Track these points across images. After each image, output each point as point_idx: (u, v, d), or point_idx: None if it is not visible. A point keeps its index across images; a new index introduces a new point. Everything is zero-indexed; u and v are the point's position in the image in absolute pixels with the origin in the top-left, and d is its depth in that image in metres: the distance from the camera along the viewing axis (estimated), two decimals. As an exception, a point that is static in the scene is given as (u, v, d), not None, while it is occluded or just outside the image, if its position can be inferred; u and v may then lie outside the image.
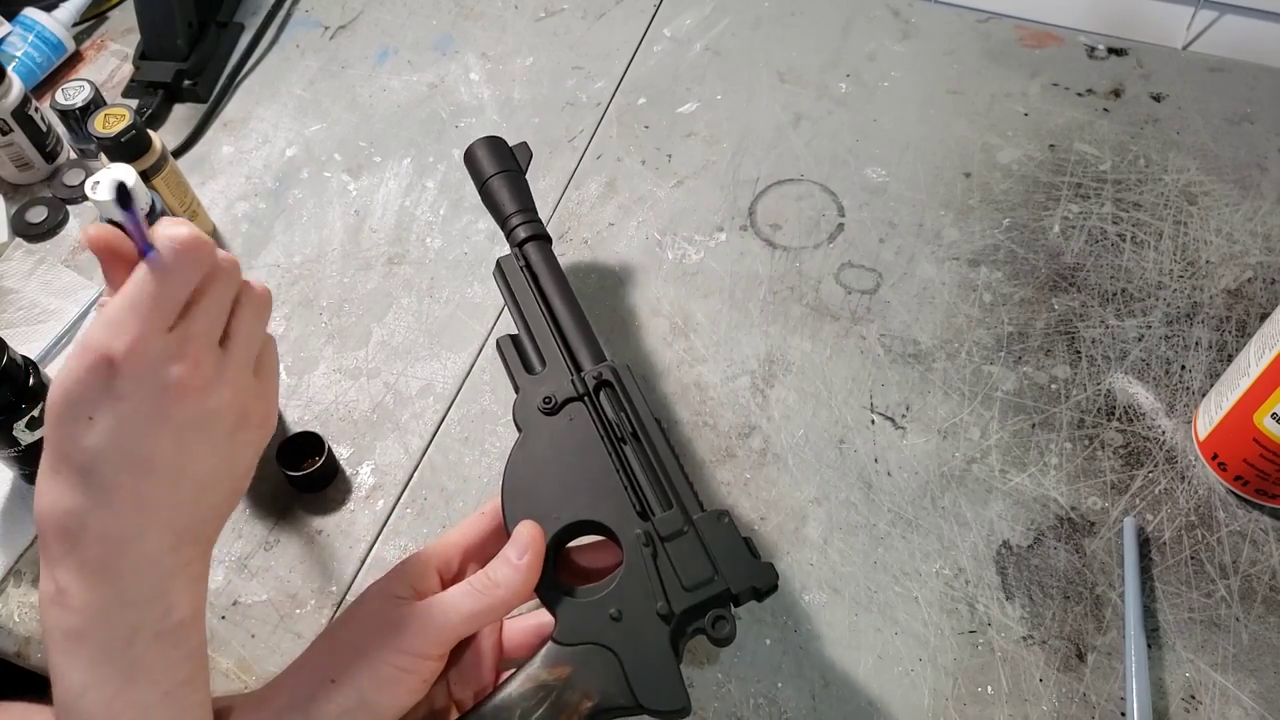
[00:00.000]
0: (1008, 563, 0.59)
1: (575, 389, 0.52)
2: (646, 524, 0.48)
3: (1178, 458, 0.62)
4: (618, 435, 0.51)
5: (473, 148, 0.66)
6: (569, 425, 0.51)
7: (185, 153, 0.84)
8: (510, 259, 0.60)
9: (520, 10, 0.93)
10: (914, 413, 0.65)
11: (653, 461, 0.50)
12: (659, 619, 0.46)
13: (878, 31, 0.88)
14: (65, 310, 0.72)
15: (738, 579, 0.46)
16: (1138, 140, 0.78)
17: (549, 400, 0.52)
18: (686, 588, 0.46)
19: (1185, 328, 0.68)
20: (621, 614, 0.46)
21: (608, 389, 0.52)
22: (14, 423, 0.59)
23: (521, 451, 0.51)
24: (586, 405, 0.52)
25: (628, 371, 0.53)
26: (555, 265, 0.60)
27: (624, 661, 0.45)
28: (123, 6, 0.96)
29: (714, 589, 0.46)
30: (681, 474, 0.50)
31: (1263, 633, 0.55)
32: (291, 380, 0.69)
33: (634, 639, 0.46)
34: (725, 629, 0.46)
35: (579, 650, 0.46)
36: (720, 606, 0.46)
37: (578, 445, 0.51)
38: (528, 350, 0.56)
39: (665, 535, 0.47)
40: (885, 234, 0.74)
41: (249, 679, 0.57)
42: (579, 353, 0.55)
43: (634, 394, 0.52)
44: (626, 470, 0.50)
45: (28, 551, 0.62)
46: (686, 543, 0.47)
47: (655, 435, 0.51)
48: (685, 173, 0.79)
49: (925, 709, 0.54)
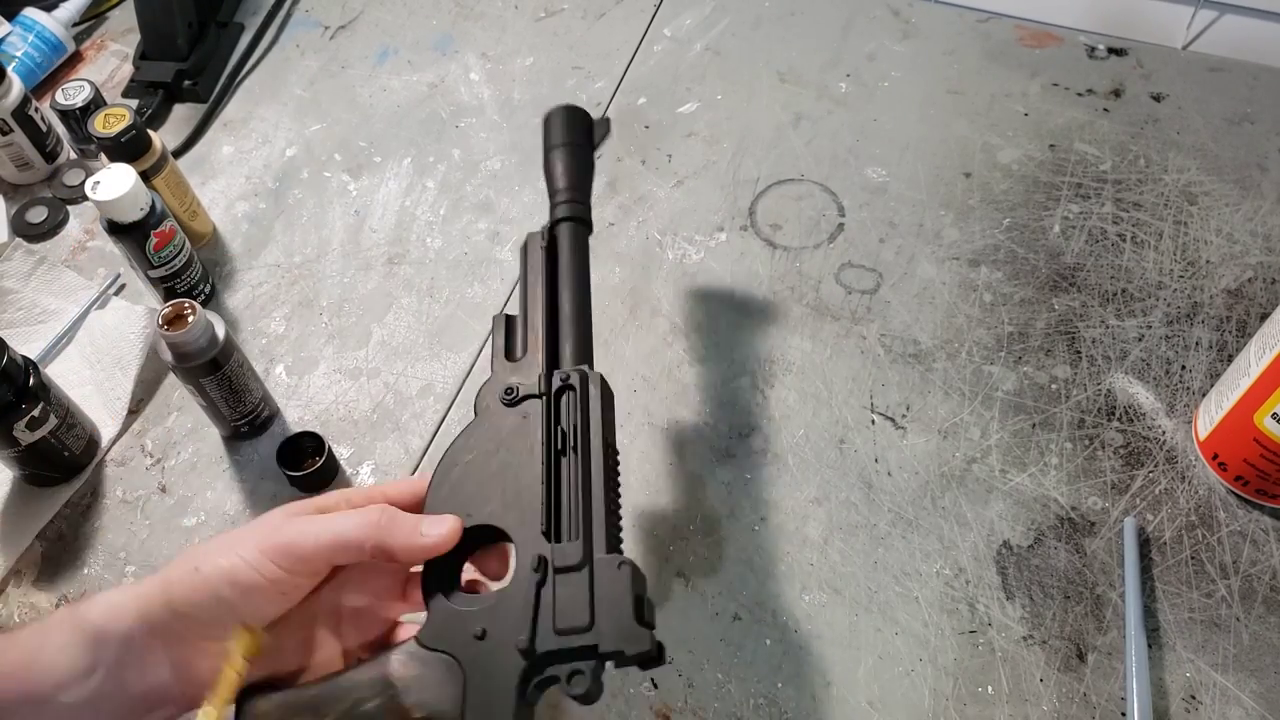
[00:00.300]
0: (1008, 563, 0.59)
1: (539, 385, 0.49)
2: (546, 548, 0.44)
3: (1178, 458, 0.62)
4: (558, 446, 0.47)
5: (551, 112, 0.62)
6: (521, 423, 0.48)
7: (185, 153, 0.84)
8: (537, 236, 0.57)
9: (520, 10, 0.93)
10: (914, 413, 0.65)
11: (580, 483, 0.46)
12: (518, 653, 0.42)
13: (878, 31, 0.88)
14: (65, 310, 0.72)
15: (609, 637, 0.41)
16: (1138, 140, 0.78)
17: (510, 391, 0.49)
18: (557, 630, 0.42)
19: (1185, 328, 0.68)
20: (485, 634, 0.43)
21: (570, 394, 0.49)
22: (14, 423, 0.59)
23: (466, 437, 0.48)
24: (544, 405, 0.48)
25: (601, 383, 0.49)
26: (579, 252, 0.56)
27: (468, 684, 0.42)
28: (123, 6, 0.96)
29: (581, 640, 0.42)
30: (607, 509, 0.45)
31: (1263, 633, 0.55)
32: (291, 380, 0.69)
33: (487, 664, 0.42)
34: (581, 685, 0.41)
35: (433, 656, 0.43)
36: (584, 660, 0.42)
37: (519, 446, 0.47)
38: (516, 335, 0.53)
39: (559, 567, 0.43)
40: (885, 234, 0.74)
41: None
42: (563, 349, 0.52)
43: (594, 408, 0.48)
44: (551, 485, 0.46)
45: (28, 551, 0.62)
46: (575, 581, 0.43)
47: (595, 456, 0.47)
48: (685, 173, 0.79)
49: (925, 709, 0.54)
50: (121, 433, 0.67)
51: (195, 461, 0.66)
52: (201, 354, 0.59)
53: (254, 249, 0.77)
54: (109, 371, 0.69)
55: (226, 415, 0.64)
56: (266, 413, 0.66)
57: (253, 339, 0.72)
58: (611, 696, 0.55)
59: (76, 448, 0.64)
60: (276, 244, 0.77)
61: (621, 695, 0.55)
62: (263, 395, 0.65)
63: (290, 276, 0.75)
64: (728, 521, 0.61)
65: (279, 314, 0.73)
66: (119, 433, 0.67)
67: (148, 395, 0.69)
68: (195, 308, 0.58)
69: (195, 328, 0.58)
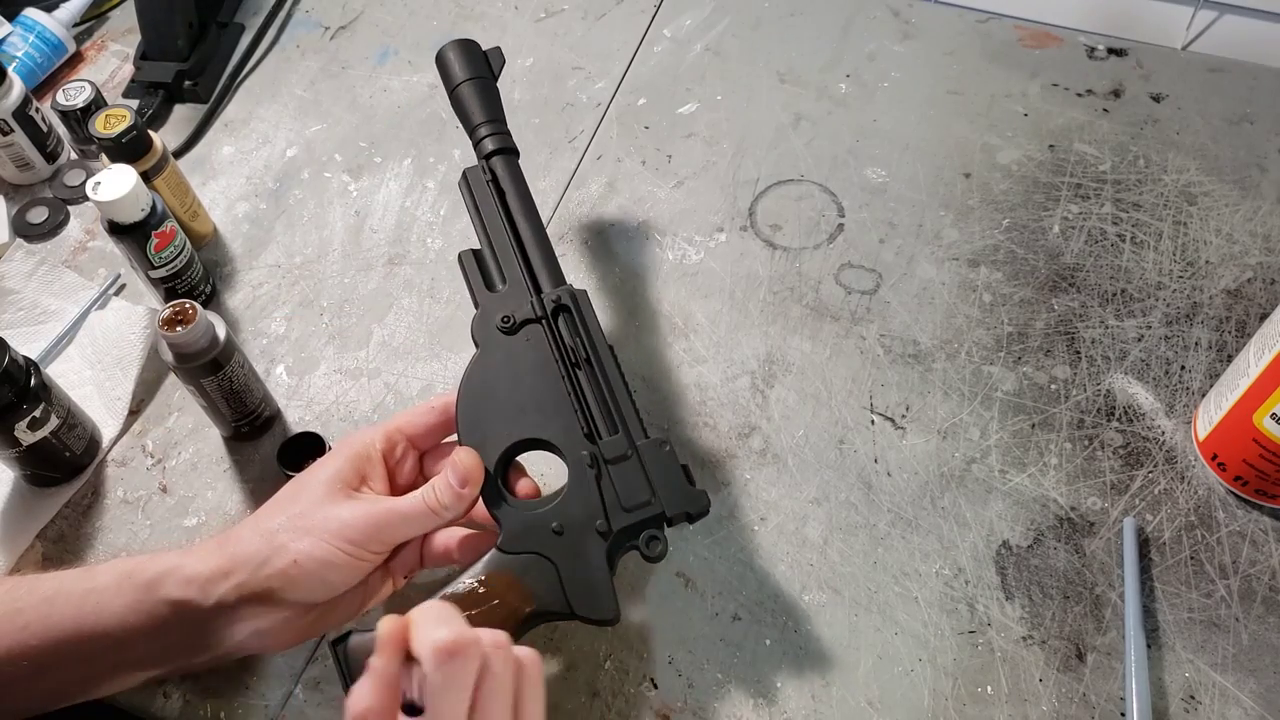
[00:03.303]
0: (1007, 563, 0.59)
1: (535, 311, 0.54)
2: (593, 447, 0.51)
3: (1177, 458, 0.62)
4: (572, 360, 0.53)
5: (444, 50, 0.64)
6: (526, 346, 0.54)
7: (186, 153, 0.84)
8: (477, 171, 0.60)
9: (520, 10, 0.93)
10: (914, 413, 0.65)
11: (603, 388, 0.52)
12: (598, 535, 0.49)
13: (878, 32, 0.88)
14: (66, 311, 0.72)
15: (673, 503, 0.50)
16: (1137, 140, 0.78)
17: (508, 320, 0.54)
18: (625, 508, 0.50)
19: (1185, 328, 0.68)
20: (563, 528, 0.50)
21: (565, 314, 0.54)
22: (15, 423, 0.59)
23: (478, 367, 0.53)
24: (544, 328, 0.54)
25: (585, 297, 0.55)
26: (521, 182, 0.60)
27: (562, 572, 0.49)
28: (123, 7, 0.96)
29: (650, 511, 0.50)
30: (630, 402, 0.52)
31: (1262, 633, 0.55)
32: (292, 381, 0.69)
33: (573, 552, 0.49)
34: (658, 548, 0.50)
35: (520, 559, 0.49)
36: (655, 527, 0.50)
37: (533, 366, 0.53)
38: (489, 267, 0.57)
39: (610, 459, 0.51)
40: (885, 234, 0.74)
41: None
42: (540, 274, 0.56)
43: (590, 321, 0.54)
44: (578, 394, 0.52)
45: (28, 551, 0.62)
46: (629, 467, 0.51)
47: (608, 362, 0.53)
48: (685, 173, 0.79)
49: (925, 709, 0.54)
50: (122, 433, 0.67)
51: (196, 462, 0.66)
52: (202, 354, 0.59)
53: (254, 249, 0.77)
54: (110, 372, 0.69)
55: (227, 416, 0.64)
56: (267, 413, 0.66)
57: (253, 339, 0.72)
58: (612, 696, 0.55)
59: (77, 448, 0.64)
60: (277, 244, 0.77)
61: (622, 695, 0.55)
62: (263, 396, 0.65)
63: (291, 277, 0.75)
64: (728, 521, 0.61)
65: (279, 314, 0.73)
66: (120, 433, 0.67)
67: (148, 395, 0.69)
68: (196, 308, 0.58)
69: (196, 328, 0.58)
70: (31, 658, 0.46)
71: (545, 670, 0.56)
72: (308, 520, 0.48)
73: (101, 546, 0.63)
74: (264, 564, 0.47)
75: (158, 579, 0.47)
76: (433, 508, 0.49)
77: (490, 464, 0.51)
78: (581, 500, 0.50)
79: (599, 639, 0.57)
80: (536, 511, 0.50)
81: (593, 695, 0.55)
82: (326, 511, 0.48)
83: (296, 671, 0.57)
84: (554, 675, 0.56)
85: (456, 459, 0.50)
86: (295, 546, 0.47)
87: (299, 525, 0.48)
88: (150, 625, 0.47)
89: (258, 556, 0.47)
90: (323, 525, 0.48)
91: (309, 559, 0.47)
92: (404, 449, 0.54)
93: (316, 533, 0.48)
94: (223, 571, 0.47)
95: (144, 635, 0.47)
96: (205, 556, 0.48)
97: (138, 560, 0.49)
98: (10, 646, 0.46)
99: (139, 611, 0.47)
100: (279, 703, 0.56)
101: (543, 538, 0.50)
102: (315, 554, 0.47)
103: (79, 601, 0.47)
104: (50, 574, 0.49)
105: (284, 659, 0.57)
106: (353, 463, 0.51)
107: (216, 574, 0.47)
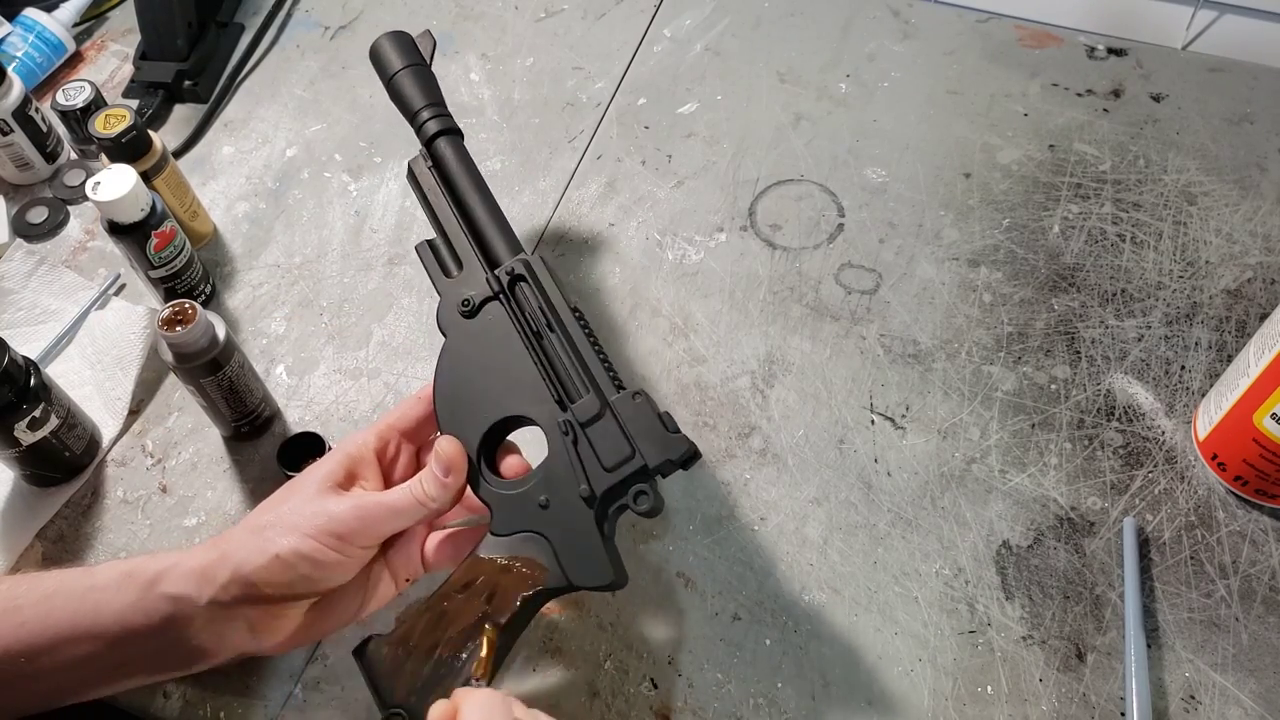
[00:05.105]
0: (1007, 563, 0.59)
1: (490, 288, 0.53)
2: (565, 413, 0.50)
3: (1177, 458, 0.62)
4: (534, 329, 0.52)
5: (377, 44, 0.64)
6: (487, 324, 0.53)
7: (186, 153, 0.84)
8: (419, 159, 0.60)
9: (520, 10, 0.93)
10: (914, 413, 0.65)
11: (568, 350, 0.51)
12: (582, 502, 0.48)
13: (878, 31, 0.88)
14: (65, 311, 0.72)
15: (654, 454, 0.48)
16: (1137, 140, 0.78)
17: (467, 303, 0.53)
18: (606, 468, 0.48)
19: (1185, 328, 0.68)
20: (549, 501, 0.49)
21: (523, 283, 0.53)
22: (15, 423, 0.59)
23: (447, 356, 0.53)
24: (502, 303, 0.53)
25: (540, 262, 0.53)
26: (465, 158, 0.59)
27: (554, 545, 0.49)
28: (123, 7, 0.96)
29: (632, 466, 0.48)
30: (598, 359, 0.51)
31: (1262, 633, 0.55)
32: (292, 381, 0.69)
33: (562, 523, 0.49)
34: (646, 503, 0.48)
35: (513, 539, 0.49)
36: (641, 482, 0.48)
37: (497, 343, 0.52)
38: (444, 254, 0.56)
39: (584, 421, 0.49)
40: (885, 234, 0.74)
41: (250, 679, 0.57)
42: (493, 247, 0.55)
43: (547, 285, 0.52)
44: (543, 363, 0.51)
45: (28, 551, 0.62)
46: (604, 425, 0.49)
47: (570, 324, 0.51)
48: (685, 173, 0.79)
49: (925, 709, 0.54)
50: (122, 433, 0.67)
51: (196, 462, 0.66)
52: (202, 354, 0.59)
53: (254, 249, 0.77)
54: (109, 372, 0.69)
55: (227, 415, 0.64)
56: (267, 413, 0.66)
57: (253, 339, 0.72)
58: (612, 696, 0.55)
59: (77, 448, 0.64)
60: (277, 244, 0.77)
61: (622, 695, 0.55)
62: (263, 395, 0.65)
63: (290, 277, 0.75)
64: (727, 521, 0.61)
65: (279, 314, 0.73)
66: (120, 433, 0.67)
67: (148, 395, 0.69)
68: (196, 308, 0.58)
69: (196, 328, 0.58)
70: (29, 655, 0.47)
71: (545, 671, 0.56)
72: (295, 516, 0.49)
73: (101, 546, 0.63)
74: (250, 559, 0.48)
75: (157, 577, 0.48)
76: (420, 499, 0.49)
77: (472, 450, 0.51)
78: (562, 469, 0.49)
79: (599, 639, 0.57)
80: (522, 489, 0.50)
81: (593, 695, 0.55)
82: (314, 507, 0.49)
83: (296, 671, 0.57)
84: (554, 675, 0.56)
85: (439, 448, 0.50)
86: (280, 541, 0.48)
87: (286, 522, 0.49)
88: (149, 624, 0.47)
89: (244, 551, 0.48)
90: (309, 520, 0.48)
91: (292, 553, 0.47)
92: (397, 445, 0.54)
93: (302, 528, 0.48)
94: (215, 567, 0.48)
95: (142, 635, 0.47)
96: (200, 553, 0.49)
97: (138, 560, 0.49)
98: (9, 644, 0.47)
99: (138, 610, 0.47)
100: (279, 703, 0.56)
101: (531, 514, 0.49)
102: (300, 549, 0.47)
103: (78, 600, 0.47)
104: (50, 572, 0.50)
105: (284, 659, 0.57)
106: (344, 463, 0.51)
107: (209, 569, 0.48)
